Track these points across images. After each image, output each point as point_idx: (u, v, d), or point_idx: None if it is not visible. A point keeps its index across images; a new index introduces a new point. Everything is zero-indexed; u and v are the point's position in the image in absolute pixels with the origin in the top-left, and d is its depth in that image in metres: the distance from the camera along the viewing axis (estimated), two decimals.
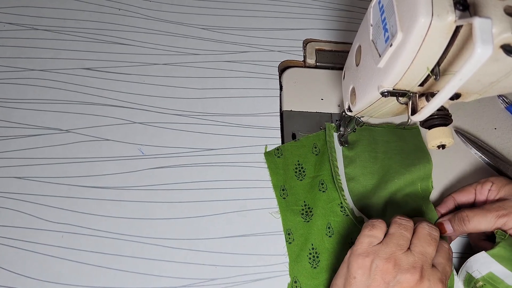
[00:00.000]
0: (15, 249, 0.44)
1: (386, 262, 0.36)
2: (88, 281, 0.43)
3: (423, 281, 0.35)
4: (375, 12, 0.35)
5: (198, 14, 0.59)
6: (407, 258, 0.36)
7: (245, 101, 0.54)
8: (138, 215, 0.47)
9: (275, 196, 0.49)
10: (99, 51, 0.55)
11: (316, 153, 0.52)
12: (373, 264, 0.36)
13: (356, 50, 0.40)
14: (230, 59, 0.56)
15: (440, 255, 0.38)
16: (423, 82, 0.33)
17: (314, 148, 0.52)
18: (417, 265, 0.36)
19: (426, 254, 0.37)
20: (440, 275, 0.36)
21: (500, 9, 0.28)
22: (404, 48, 0.30)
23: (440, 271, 0.37)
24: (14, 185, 0.47)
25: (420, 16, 0.28)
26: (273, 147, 0.51)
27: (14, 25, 0.56)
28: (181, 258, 0.45)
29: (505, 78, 0.32)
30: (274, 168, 0.51)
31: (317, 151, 0.52)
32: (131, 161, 0.49)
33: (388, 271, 0.36)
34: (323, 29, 0.60)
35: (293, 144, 0.52)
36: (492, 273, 0.38)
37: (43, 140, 0.49)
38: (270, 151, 0.52)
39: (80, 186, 0.47)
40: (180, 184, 0.48)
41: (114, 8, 0.58)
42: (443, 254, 0.38)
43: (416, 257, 0.36)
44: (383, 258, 0.36)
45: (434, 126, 0.37)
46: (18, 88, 0.52)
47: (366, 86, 0.37)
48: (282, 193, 0.50)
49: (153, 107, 0.52)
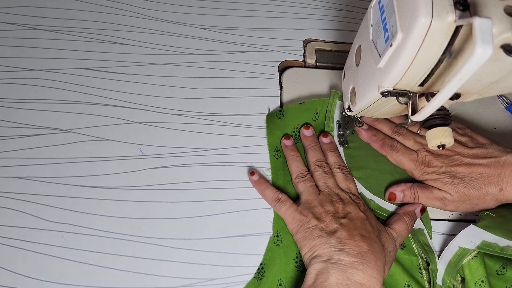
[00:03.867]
0: (15, 249, 0.44)
1: (318, 210, 0.43)
2: (88, 281, 0.43)
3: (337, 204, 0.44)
4: (375, 12, 0.35)
5: (198, 14, 0.59)
6: (323, 196, 0.45)
7: (245, 101, 0.54)
8: (138, 215, 0.47)
9: (268, 154, 0.50)
10: (99, 51, 0.55)
11: (315, 120, 0.52)
12: (312, 217, 0.43)
13: (356, 50, 0.40)
14: (230, 59, 0.56)
15: (342, 181, 0.47)
16: (423, 82, 0.33)
17: (315, 114, 0.52)
18: (331, 195, 0.45)
19: (328, 184, 0.46)
20: (346, 196, 0.45)
21: (500, 9, 0.28)
22: (404, 48, 0.30)
23: (347, 191, 0.46)
24: (14, 185, 0.47)
25: (420, 16, 0.28)
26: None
27: (15, 25, 0.56)
28: (181, 258, 0.45)
29: (505, 78, 0.32)
30: (273, 128, 0.51)
31: (317, 117, 0.52)
32: (131, 161, 0.49)
33: (323, 214, 0.43)
34: (323, 29, 0.60)
35: (297, 106, 0.52)
36: (485, 240, 0.42)
37: (44, 140, 0.49)
38: (273, 112, 0.52)
39: (81, 186, 0.47)
40: (180, 184, 0.48)
41: (114, 8, 0.58)
42: (343, 179, 0.47)
43: (325, 192, 0.45)
44: (316, 211, 0.43)
45: (434, 126, 0.37)
46: (18, 88, 0.52)
47: (366, 86, 0.37)
48: (276, 154, 0.50)
49: (153, 107, 0.52)
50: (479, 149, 0.46)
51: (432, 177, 0.46)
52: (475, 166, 0.45)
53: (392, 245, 0.43)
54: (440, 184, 0.46)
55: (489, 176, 0.44)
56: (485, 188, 0.44)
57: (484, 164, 0.45)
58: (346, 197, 0.45)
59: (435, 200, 0.46)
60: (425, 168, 0.47)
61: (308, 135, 0.50)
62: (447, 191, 0.45)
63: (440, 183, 0.46)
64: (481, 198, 0.45)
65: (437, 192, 0.46)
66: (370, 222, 0.43)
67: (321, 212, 0.43)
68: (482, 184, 0.44)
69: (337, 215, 0.43)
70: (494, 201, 0.45)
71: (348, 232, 0.41)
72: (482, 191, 0.44)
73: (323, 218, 0.42)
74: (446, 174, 0.46)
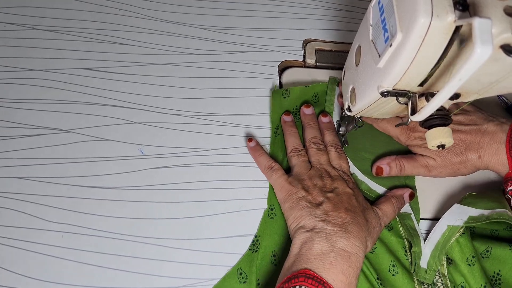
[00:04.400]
0: (15, 249, 0.44)
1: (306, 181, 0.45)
2: (88, 281, 0.43)
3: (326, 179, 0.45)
4: (374, 12, 0.35)
5: (198, 14, 0.59)
6: (313, 171, 0.46)
7: (245, 101, 0.54)
8: (138, 215, 0.47)
9: (270, 129, 0.52)
10: (100, 51, 0.55)
11: (315, 102, 0.53)
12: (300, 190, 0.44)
13: (356, 50, 0.40)
14: (230, 59, 0.56)
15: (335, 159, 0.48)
16: (422, 82, 0.33)
17: (314, 96, 0.53)
18: (321, 171, 0.46)
19: (321, 160, 0.47)
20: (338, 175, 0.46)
21: (500, 9, 0.28)
22: (404, 48, 0.30)
23: (338, 168, 0.47)
24: (14, 185, 0.47)
25: (420, 16, 0.28)
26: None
27: (15, 25, 0.56)
28: (181, 258, 0.45)
29: (505, 78, 0.32)
30: (277, 106, 0.52)
31: (317, 99, 0.53)
32: (131, 161, 0.49)
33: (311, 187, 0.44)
34: (323, 29, 0.60)
35: (302, 88, 0.53)
36: (471, 215, 0.44)
37: (44, 140, 0.50)
38: (279, 90, 0.53)
39: (80, 186, 0.48)
40: (180, 184, 0.48)
41: (115, 8, 0.58)
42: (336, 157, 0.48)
43: (316, 167, 0.46)
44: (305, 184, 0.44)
45: (434, 126, 0.37)
46: (18, 88, 0.52)
47: (366, 86, 0.37)
48: (277, 131, 0.51)
49: (153, 107, 0.52)
50: (463, 116, 0.48)
51: (417, 142, 0.48)
52: (457, 132, 0.47)
53: (377, 222, 0.44)
54: (423, 150, 0.48)
55: (470, 143, 0.46)
56: (466, 154, 0.46)
57: (466, 131, 0.47)
58: (336, 174, 0.46)
59: (420, 168, 0.48)
60: (411, 133, 0.49)
61: (308, 113, 0.51)
62: (430, 155, 0.48)
63: (424, 148, 0.48)
64: (462, 163, 0.47)
65: (421, 159, 0.48)
66: (356, 198, 0.44)
67: (310, 185, 0.44)
68: (464, 150, 0.47)
69: (324, 189, 0.44)
70: (473, 167, 0.47)
71: (333, 205, 0.42)
72: (463, 157, 0.47)
73: (311, 190, 0.44)
74: None
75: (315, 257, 0.38)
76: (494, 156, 0.45)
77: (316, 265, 0.37)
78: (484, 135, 0.46)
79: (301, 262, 0.38)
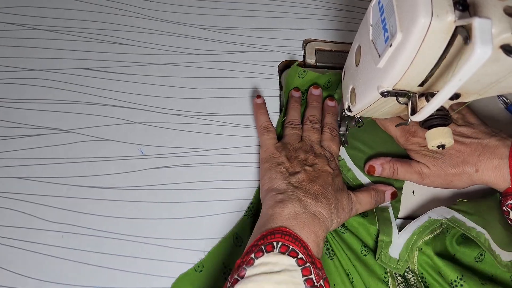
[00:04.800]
0: (15, 249, 0.44)
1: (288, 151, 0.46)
2: (88, 281, 0.43)
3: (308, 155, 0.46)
4: (374, 12, 0.35)
5: (198, 14, 0.59)
6: (301, 144, 0.47)
7: (245, 101, 0.54)
8: (138, 215, 0.47)
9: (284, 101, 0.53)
10: (99, 51, 0.55)
11: (326, 87, 0.54)
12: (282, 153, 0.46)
13: (356, 50, 0.40)
14: (230, 59, 0.56)
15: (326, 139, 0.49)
16: (422, 82, 0.33)
17: (327, 82, 0.54)
18: (308, 147, 0.47)
19: (311, 137, 0.48)
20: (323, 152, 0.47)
21: (499, 9, 0.28)
22: (404, 48, 0.30)
23: (326, 149, 0.48)
24: (14, 185, 0.47)
25: (420, 16, 0.28)
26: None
27: (15, 25, 0.56)
28: (181, 258, 0.45)
29: (505, 78, 0.32)
30: (291, 82, 0.53)
31: (329, 85, 0.54)
32: (131, 161, 0.49)
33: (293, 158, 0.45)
34: (323, 29, 0.60)
35: (317, 75, 0.53)
36: (455, 216, 0.44)
37: (43, 140, 0.50)
38: (297, 68, 0.53)
39: (80, 186, 0.48)
40: (180, 184, 0.48)
41: (115, 8, 0.58)
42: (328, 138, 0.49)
43: (304, 142, 0.47)
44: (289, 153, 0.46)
45: (434, 126, 0.37)
46: (18, 88, 0.52)
47: (365, 86, 0.37)
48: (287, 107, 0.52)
49: (153, 107, 0.52)
50: (466, 128, 0.47)
51: (414, 147, 0.48)
52: (458, 143, 0.46)
53: (347, 205, 0.44)
54: (419, 156, 0.47)
55: (468, 156, 0.45)
56: (462, 166, 0.45)
57: (467, 143, 0.46)
58: (321, 152, 0.47)
59: (413, 174, 0.48)
60: (410, 137, 0.48)
61: (315, 94, 0.52)
62: (425, 163, 0.47)
63: (420, 155, 0.47)
64: (457, 175, 0.46)
65: (416, 165, 0.48)
66: (333, 178, 0.44)
67: (292, 155, 0.46)
68: (460, 162, 0.45)
69: (304, 162, 0.45)
70: (469, 181, 0.46)
71: (308, 177, 0.43)
72: (459, 169, 0.46)
73: (292, 160, 0.45)
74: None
75: (288, 216, 0.39)
76: (495, 171, 0.44)
77: (291, 224, 0.38)
78: (485, 149, 0.45)
79: (275, 221, 0.38)
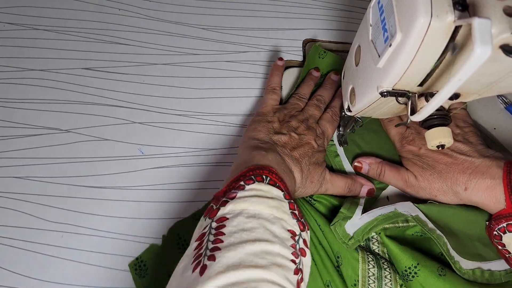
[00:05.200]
0: (15, 249, 0.44)
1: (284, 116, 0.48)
2: (88, 281, 0.43)
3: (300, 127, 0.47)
4: (374, 12, 0.35)
5: (198, 14, 0.59)
6: (298, 114, 0.48)
7: (245, 101, 0.54)
8: (138, 215, 0.47)
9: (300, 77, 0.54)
10: (99, 51, 0.55)
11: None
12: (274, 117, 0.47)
13: (356, 50, 0.40)
14: (230, 59, 0.57)
15: (325, 119, 0.49)
16: (422, 82, 0.33)
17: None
18: (303, 119, 0.48)
19: (310, 113, 0.49)
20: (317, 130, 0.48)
21: (499, 10, 0.28)
22: (404, 48, 0.30)
23: (321, 128, 0.48)
24: (14, 185, 0.47)
25: (419, 16, 0.28)
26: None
27: (15, 25, 0.56)
28: None
29: (504, 78, 0.32)
30: (311, 61, 0.55)
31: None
32: (131, 161, 0.49)
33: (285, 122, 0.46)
34: (323, 29, 0.60)
35: (337, 57, 0.55)
36: (419, 216, 0.43)
37: (44, 140, 0.50)
38: (318, 48, 0.55)
39: (80, 186, 0.48)
40: (180, 184, 0.48)
41: (114, 8, 0.58)
42: (327, 119, 0.49)
43: (303, 114, 0.48)
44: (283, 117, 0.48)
45: (434, 126, 0.37)
46: (18, 88, 0.52)
47: (365, 86, 0.37)
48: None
49: (153, 107, 0.52)
50: (463, 145, 0.46)
51: (407, 155, 0.48)
52: (450, 158, 0.45)
53: (317, 180, 0.45)
54: (410, 164, 0.47)
55: (458, 173, 0.44)
56: (451, 183, 0.44)
57: (460, 160, 0.45)
58: (313, 127, 0.48)
59: (399, 180, 0.47)
60: (406, 144, 0.48)
61: (333, 79, 0.53)
62: (413, 172, 0.46)
63: (411, 163, 0.47)
64: (443, 191, 0.45)
65: (404, 172, 0.47)
66: (313, 152, 0.45)
67: (285, 120, 0.47)
68: (449, 179, 0.44)
69: (293, 129, 0.46)
70: (455, 198, 0.45)
71: (290, 142, 0.45)
72: (446, 185, 0.44)
73: (282, 123, 0.47)
74: (420, 157, 0.46)
75: (272, 161, 0.40)
76: (486, 191, 0.42)
77: (275, 167, 0.39)
78: (478, 168, 0.43)
79: (263, 160, 0.40)
